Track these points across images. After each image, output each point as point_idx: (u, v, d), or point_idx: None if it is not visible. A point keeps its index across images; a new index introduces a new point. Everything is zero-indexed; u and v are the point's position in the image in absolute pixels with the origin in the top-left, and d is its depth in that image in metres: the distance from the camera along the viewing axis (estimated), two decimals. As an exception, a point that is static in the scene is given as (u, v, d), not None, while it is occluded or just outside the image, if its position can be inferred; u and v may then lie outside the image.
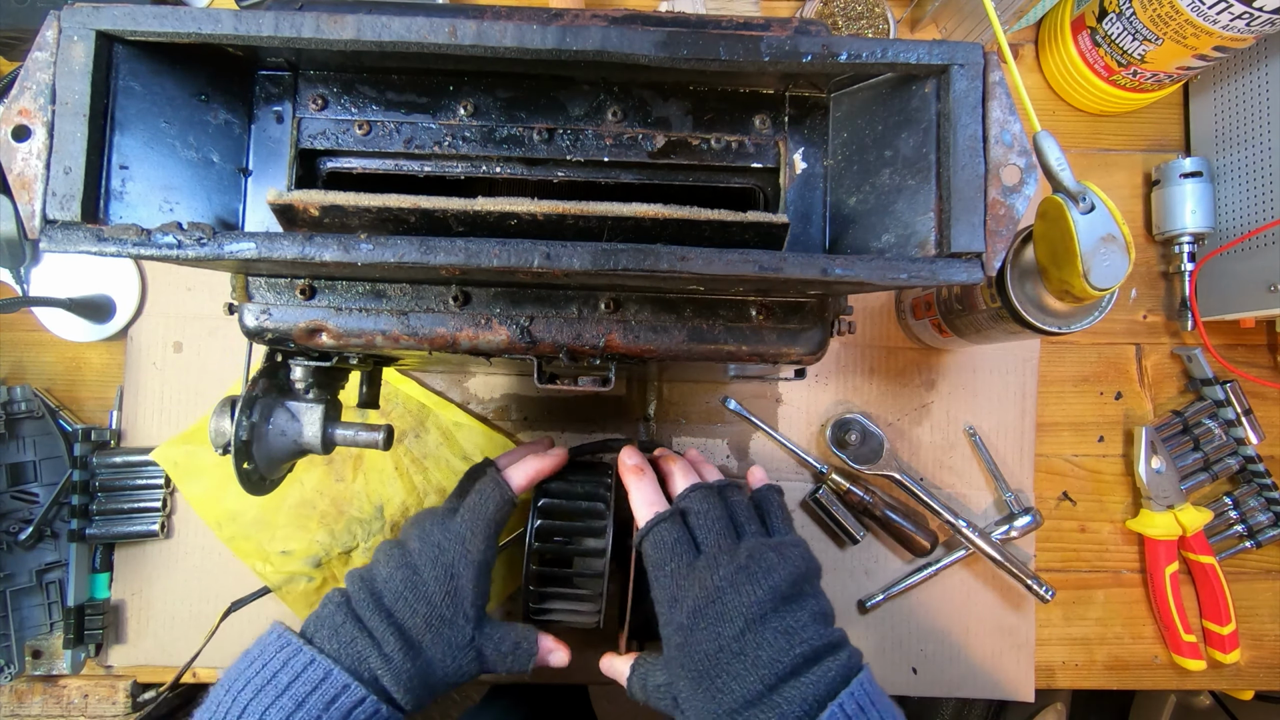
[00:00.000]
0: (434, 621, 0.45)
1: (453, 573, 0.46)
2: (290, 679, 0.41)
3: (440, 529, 0.47)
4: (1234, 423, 0.70)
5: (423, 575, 0.45)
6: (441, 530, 0.47)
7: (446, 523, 0.48)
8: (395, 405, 0.70)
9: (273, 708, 0.40)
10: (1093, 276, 0.44)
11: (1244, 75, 0.66)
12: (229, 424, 0.43)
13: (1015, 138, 0.34)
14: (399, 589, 0.45)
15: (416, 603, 0.45)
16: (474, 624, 0.46)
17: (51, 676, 0.67)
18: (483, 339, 0.42)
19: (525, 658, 0.48)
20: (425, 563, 0.46)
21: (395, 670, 0.43)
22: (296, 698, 0.41)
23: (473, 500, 0.49)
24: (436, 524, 0.48)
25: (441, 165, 0.41)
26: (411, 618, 0.45)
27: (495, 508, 0.48)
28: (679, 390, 0.72)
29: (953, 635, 0.70)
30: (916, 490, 0.68)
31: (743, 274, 0.32)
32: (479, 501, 0.48)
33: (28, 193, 0.31)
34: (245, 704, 0.40)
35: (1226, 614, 0.69)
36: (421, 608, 0.45)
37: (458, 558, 0.46)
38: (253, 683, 0.41)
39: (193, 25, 0.32)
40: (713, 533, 0.45)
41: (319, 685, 0.41)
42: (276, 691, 0.41)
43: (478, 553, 0.47)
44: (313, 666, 0.42)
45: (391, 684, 0.43)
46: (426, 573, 0.45)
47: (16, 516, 0.66)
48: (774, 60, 0.34)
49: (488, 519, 0.48)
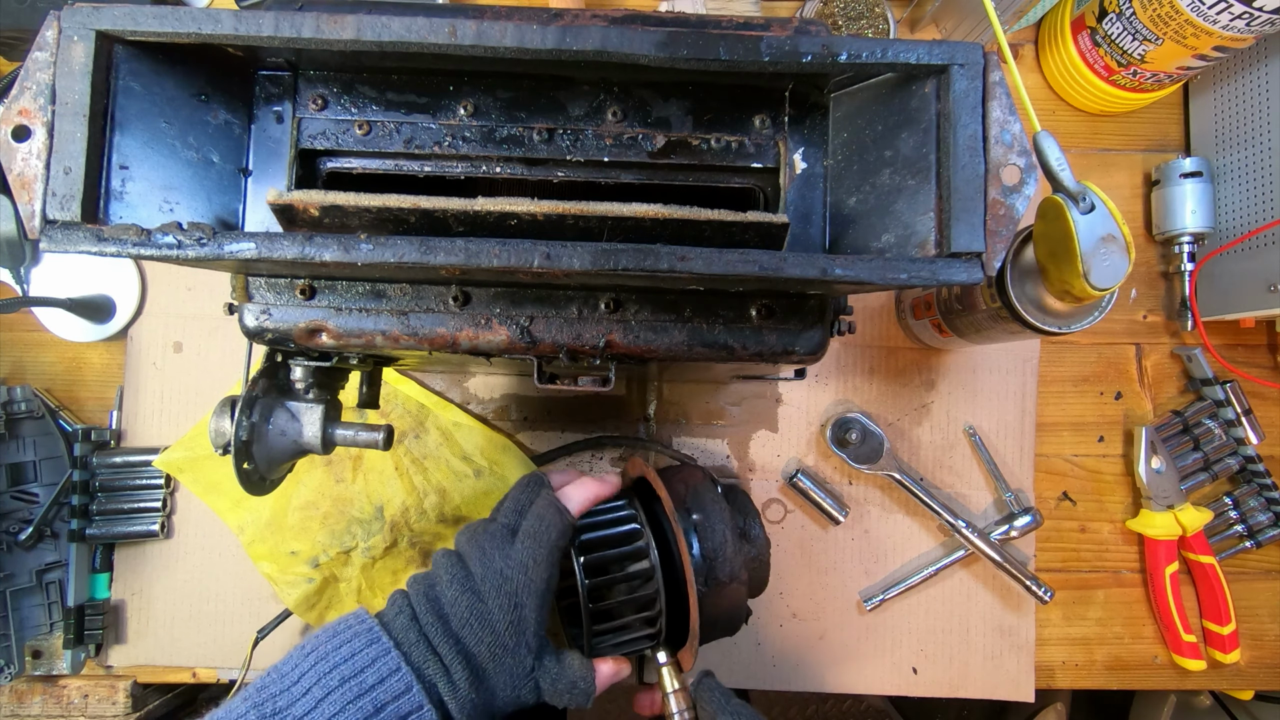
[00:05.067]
0: (498, 651, 0.44)
1: (516, 602, 0.44)
2: (375, 681, 0.41)
3: (502, 555, 0.46)
4: (1234, 423, 0.70)
5: (488, 604, 0.44)
6: (504, 557, 0.46)
7: (507, 548, 0.46)
8: (395, 405, 0.70)
9: (353, 705, 0.40)
10: (1093, 276, 0.44)
11: (1244, 75, 0.66)
12: (229, 424, 0.43)
13: (1015, 138, 0.34)
14: (464, 615, 0.44)
15: (482, 631, 0.44)
16: (535, 655, 0.45)
17: (51, 676, 0.67)
18: (483, 339, 0.42)
19: (584, 695, 0.47)
20: (490, 590, 0.45)
21: (461, 700, 0.42)
22: (377, 702, 0.40)
23: (533, 525, 0.47)
24: (497, 548, 0.46)
25: (441, 165, 0.41)
26: (477, 645, 0.44)
27: (559, 534, 0.47)
28: (679, 390, 0.72)
29: (953, 635, 0.70)
30: (916, 490, 0.68)
31: (743, 274, 0.32)
32: (541, 528, 0.47)
33: (28, 193, 0.31)
34: (329, 690, 0.40)
35: (1226, 614, 0.69)
36: (487, 636, 0.44)
37: (521, 587, 0.45)
38: (340, 670, 0.41)
39: (193, 25, 0.32)
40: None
41: (399, 697, 0.41)
42: (360, 689, 0.40)
43: (541, 581, 0.45)
44: (397, 676, 0.41)
45: (456, 712, 0.42)
46: (491, 601, 0.44)
47: (16, 516, 0.66)
48: (774, 60, 0.34)
49: (550, 546, 0.46)
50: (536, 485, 0.51)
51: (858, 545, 0.70)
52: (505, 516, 0.49)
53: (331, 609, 0.68)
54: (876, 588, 0.70)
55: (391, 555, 0.69)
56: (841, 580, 0.70)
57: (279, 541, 0.68)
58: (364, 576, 0.68)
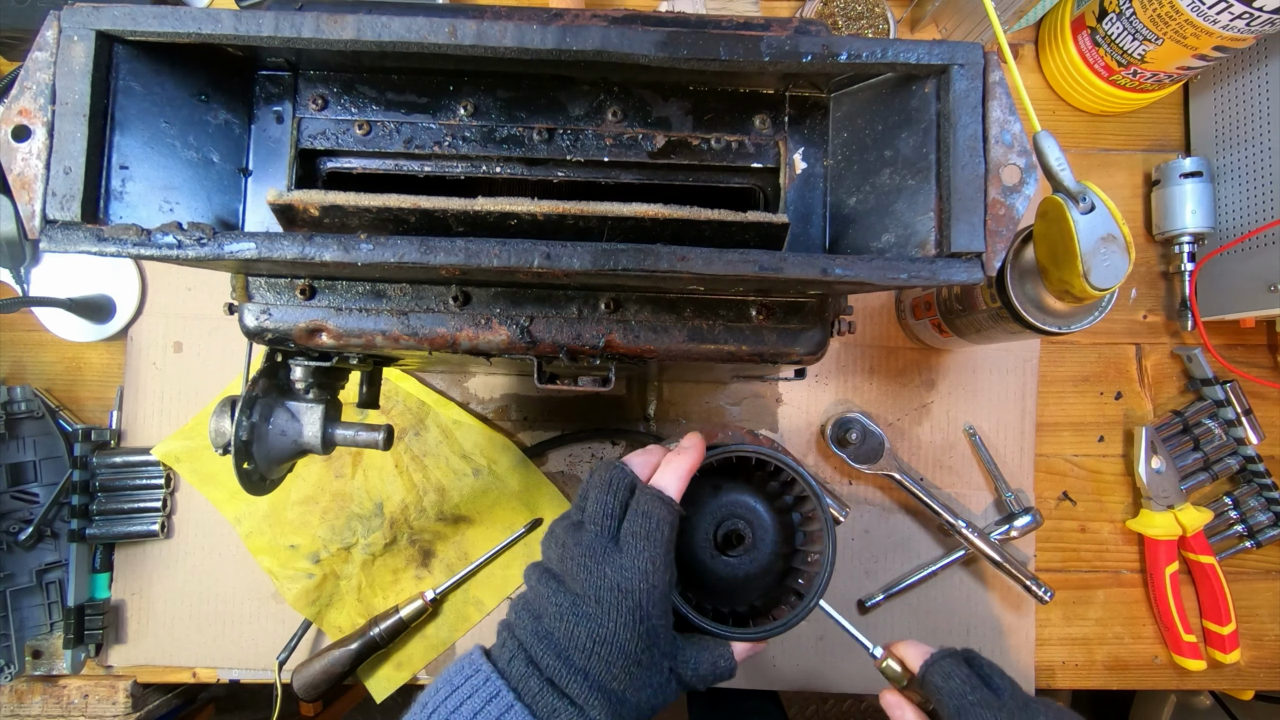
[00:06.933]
0: (633, 670, 0.41)
1: (643, 614, 0.41)
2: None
3: (613, 566, 0.41)
4: (1234, 423, 0.70)
5: (609, 626, 0.40)
6: (615, 568, 0.41)
7: (615, 557, 0.42)
8: (396, 403, 0.70)
9: None
10: (1093, 276, 0.44)
11: (1244, 75, 0.66)
12: (229, 424, 0.43)
13: (1015, 138, 0.34)
14: (586, 644, 0.40)
15: (611, 656, 0.40)
16: (670, 656, 0.43)
17: (51, 676, 0.67)
18: (483, 339, 0.42)
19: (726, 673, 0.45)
20: (607, 608, 0.41)
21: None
22: None
23: (640, 525, 0.43)
24: (603, 559, 0.42)
25: (441, 165, 0.41)
26: (608, 671, 0.41)
27: (670, 529, 0.43)
28: (679, 390, 0.72)
29: (953, 635, 0.70)
30: (916, 490, 0.68)
31: (743, 274, 0.32)
32: (650, 526, 0.42)
33: (28, 193, 0.31)
34: None
35: (1226, 614, 0.69)
36: (618, 659, 0.40)
37: (643, 596, 0.41)
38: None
39: (193, 25, 0.32)
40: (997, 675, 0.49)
41: None
42: None
43: (664, 585, 0.42)
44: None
45: None
46: (613, 621, 0.40)
47: (16, 516, 0.66)
48: (774, 60, 0.34)
49: (664, 543, 0.42)
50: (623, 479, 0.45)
51: (858, 545, 0.70)
52: (596, 521, 0.44)
53: (332, 606, 0.68)
54: (876, 588, 0.70)
55: (391, 552, 0.69)
56: (841, 580, 0.70)
57: (278, 535, 0.68)
58: (364, 574, 0.68)
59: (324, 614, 0.68)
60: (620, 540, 0.43)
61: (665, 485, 0.44)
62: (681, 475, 0.45)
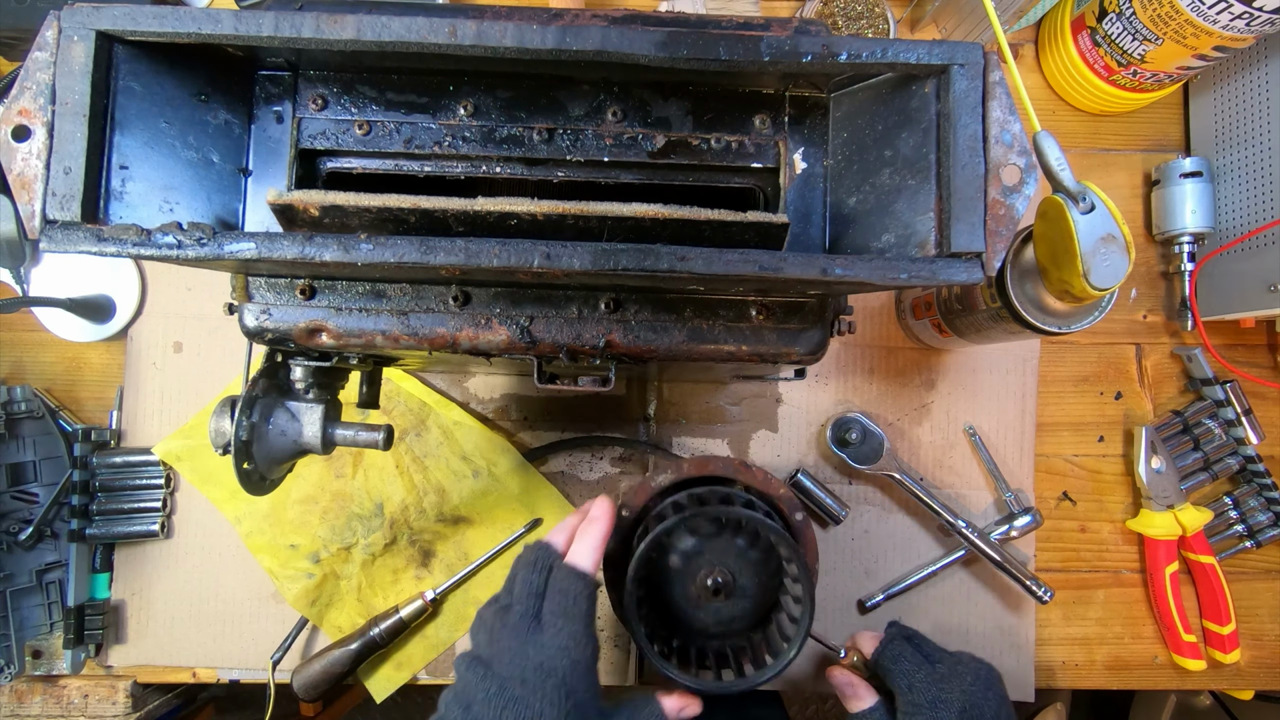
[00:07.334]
0: None
1: (567, 690, 0.42)
2: None
3: (535, 646, 0.43)
4: (1234, 423, 0.70)
5: (536, 706, 0.41)
6: (536, 647, 0.43)
7: (537, 636, 0.43)
8: (397, 403, 0.70)
9: None
10: (1093, 276, 0.44)
11: (1244, 75, 0.66)
12: (229, 424, 0.43)
13: (1015, 138, 0.34)
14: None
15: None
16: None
17: (51, 676, 0.67)
18: (483, 339, 0.42)
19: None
20: (534, 689, 0.42)
21: None
22: None
23: (559, 604, 0.44)
24: (526, 640, 0.43)
25: (441, 165, 0.41)
26: None
27: (588, 602, 0.45)
28: (679, 390, 0.72)
29: (952, 635, 0.70)
30: (916, 490, 0.68)
31: (743, 274, 0.32)
32: (568, 604, 0.44)
33: (28, 193, 0.31)
34: None
35: (1226, 614, 0.69)
36: None
37: (567, 673, 0.42)
38: None
39: (193, 25, 0.32)
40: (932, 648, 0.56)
41: None
42: None
43: (586, 659, 0.43)
44: None
45: None
46: (540, 701, 0.41)
47: (16, 516, 0.66)
48: (774, 60, 0.34)
49: (583, 617, 0.44)
50: (544, 558, 0.47)
51: (858, 545, 0.70)
52: (521, 602, 0.45)
53: (332, 606, 0.68)
54: (876, 587, 0.70)
55: (391, 553, 0.69)
56: (841, 580, 0.70)
57: (278, 534, 0.68)
58: (364, 574, 0.68)
59: (324, 614, 0.68)
60: (542, 619, 0.44)
61: (579, 559, 0.46)
62: (595, 546, 0.47)
